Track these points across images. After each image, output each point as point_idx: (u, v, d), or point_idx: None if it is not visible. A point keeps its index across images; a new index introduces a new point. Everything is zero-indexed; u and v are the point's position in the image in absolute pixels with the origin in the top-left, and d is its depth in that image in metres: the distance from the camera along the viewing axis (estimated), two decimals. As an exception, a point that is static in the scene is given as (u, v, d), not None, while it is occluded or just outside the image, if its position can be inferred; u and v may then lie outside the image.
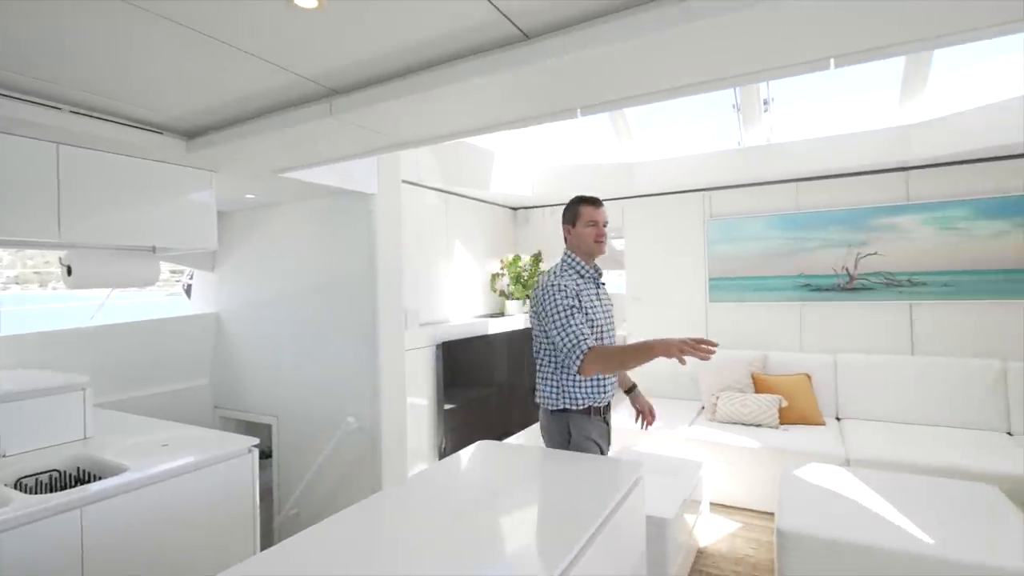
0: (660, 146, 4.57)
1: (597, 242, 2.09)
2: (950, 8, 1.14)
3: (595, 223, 2.10)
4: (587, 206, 2.13)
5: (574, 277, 2.06)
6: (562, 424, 2.05)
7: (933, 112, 3.49)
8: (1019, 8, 1.15)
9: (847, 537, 2.09)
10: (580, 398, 2.02)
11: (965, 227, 3.57)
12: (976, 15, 1.18)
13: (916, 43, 1.31)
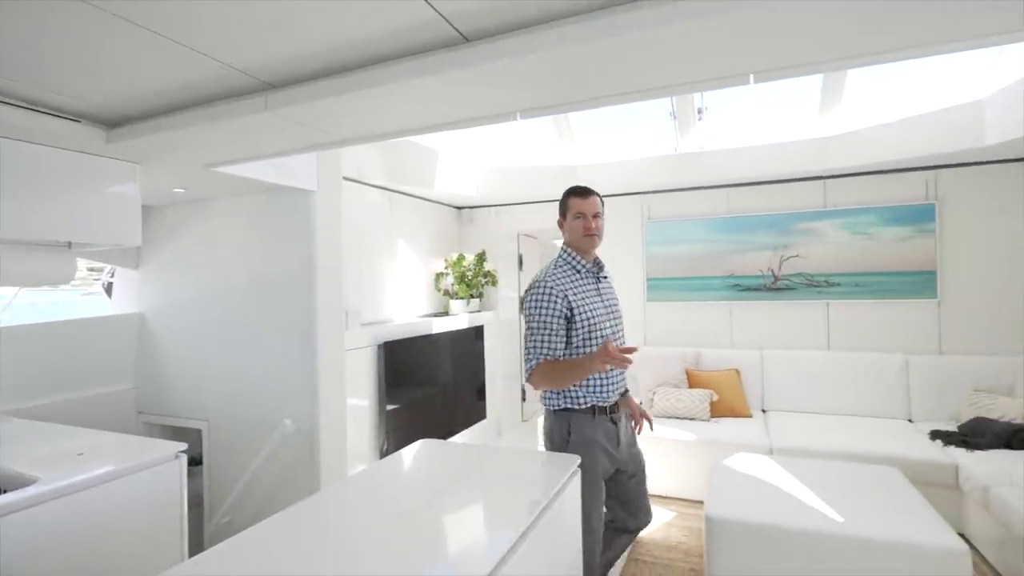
0: (602, 150, 4.70)
1: (586, 235, 1.97)
2: (858, 31, 1.26)
3: (583, 215, 1.98)
4: (575, 197, 2.02)
5: (568, 273, 1.97)
6: (563, 425, 1.95)
7: (848, 126, 3.78)
8: (916, 35, 1.28)
9: (768, 520, 2.23)
10: (582, 397, 1.93)
11: (874, 232, 3.89)
12: (879, 40, 1.30)
13: (829, 63, 1.43)
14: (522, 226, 5.18)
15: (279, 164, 2.52)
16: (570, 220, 2.01)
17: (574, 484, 1.66)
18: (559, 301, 1.89)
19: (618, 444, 1.99)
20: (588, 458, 1.88)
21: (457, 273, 4.58)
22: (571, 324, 1.92)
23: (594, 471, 1.91)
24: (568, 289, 1.92)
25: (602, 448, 1.94)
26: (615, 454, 1.99)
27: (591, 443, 1.91)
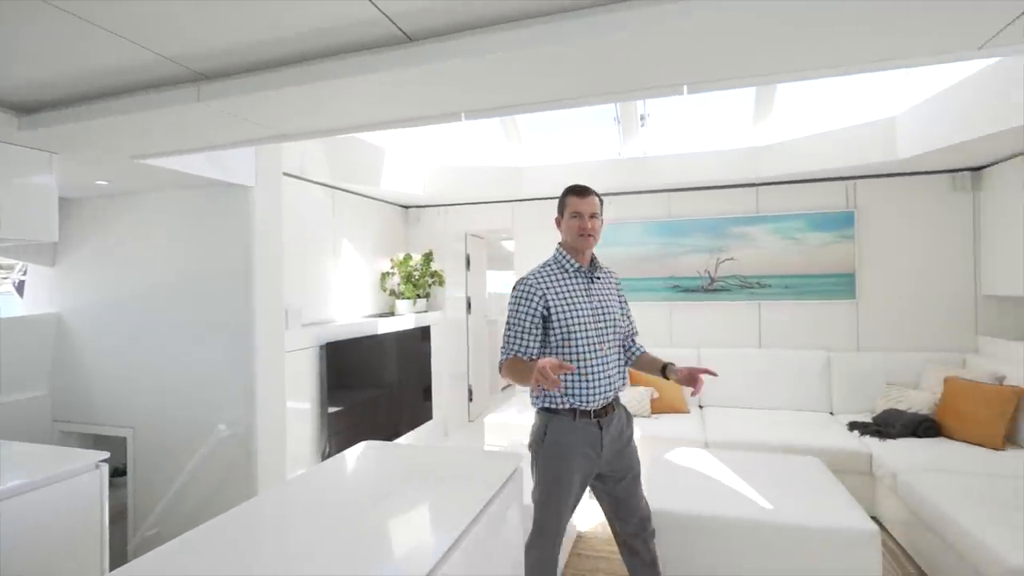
0: (548, 152, 4.77)
1: (581, 235, 1.94)
2: (785, 49, 1.34)
3: (579, 214, 1.94)
4: (573, 196, 1.98)
5: (555, 273, 1.96)
6: (542, 424, 1.93)
7: (778, 136, 4.01)
8: (836, 55, 1.38)
9: (704, 511, 2.34)
10: (559, 398, 1.89)
11: (800, 237, 4.14)
12: (804, 58, 1.39)
13: (757, 77, 1.52)
14: (470, 226, 5.18)
15: (215, 158, 2.42)
16: (567, 219, 1.98)
17: (515, 483, 1.68)
18: (536, 300, 1.89)
19: (601, 448, 1.92)
20: (557, 460, 1.89)
21: (403, 273, 4.53)
22: (548, 324, 1.91)
23: (560, 473, 1.89)
24: (549, 289, 1.91)
25: (580, 452, 1.89)
26: (595, 458, 1.92)
27: (563, 446, 1.89)
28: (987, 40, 1.28)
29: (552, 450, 1.89)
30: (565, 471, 1.89)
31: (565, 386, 1.89)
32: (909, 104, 3.45)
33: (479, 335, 5.70)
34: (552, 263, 2.00)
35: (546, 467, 1.91)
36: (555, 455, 1.88)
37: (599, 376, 1.90)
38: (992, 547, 2.03)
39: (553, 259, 2.02)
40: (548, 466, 1.91)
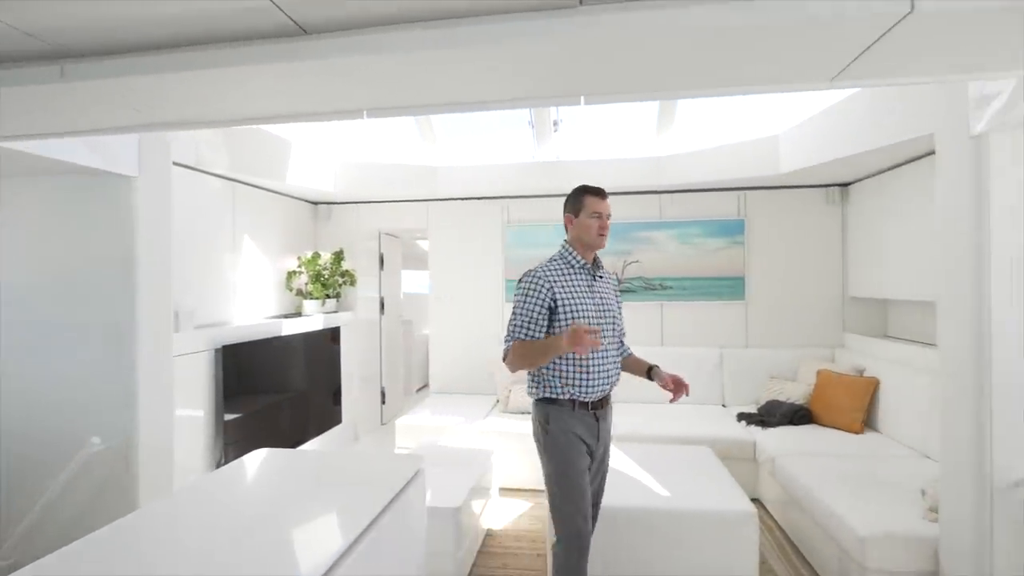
0: (464, 153, 4.78)
1: (600, 235, 2.02)
2: (669, 69, 1.44)
3: (599, 215, 2.02)
4: (592, 197, 2.05)
5: (561, 268, 2.01)
6: (542, 414, 1.97)
7: (679, 147, 4.27)
8: (711, 78, 1.50)
9: (605, 502, 2.45)
10: (559, 389, 1.94)
11: (698, 242, 4.45)
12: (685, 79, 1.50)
13: (651, 92, 1.62)
14: (384, 224, 5.08)
15: (94, 144, 2.20)
16: (584, 218, 2.03)
17: (417, 485, 1.67)
18: (544, 291, 1.93)
19: (597, 440, 2.00)
20: (567, 448, 1.92)
21: (312, 272, 4.35)
22: (555, 316, 1.95)
23: (573, 460, 1.92)
24: (556, 282, 1.95)
25: (583, 441, 1.94)
26: (593, 449, 1.99)
27: (568, 432, 1.92)
28: (837, 73, 1.45)
29: (559, 437, 1.92)
30: (575, 453, 1.93)
31: (565, 377, 1.93)
32: (791, 124, 3.81)
33: (393, 336, 5.60)
34: (559, 259, 2.05)
35: (555, 452, 1.94)
36: (562, 441, 1.92)
37: (599, 369, 1.96)
38: (846, 519, 2.30)
39: (559, 255, 2.06)
40: (557, 451, 1.93)
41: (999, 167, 1.93)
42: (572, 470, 1.91)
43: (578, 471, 1.92)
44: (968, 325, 1.99)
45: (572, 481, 1.91)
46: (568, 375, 1.93)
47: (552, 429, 1.93)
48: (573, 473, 1.91)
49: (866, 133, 3.11)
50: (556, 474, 1.93)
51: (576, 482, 1.91)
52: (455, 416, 3.97)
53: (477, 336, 4.73)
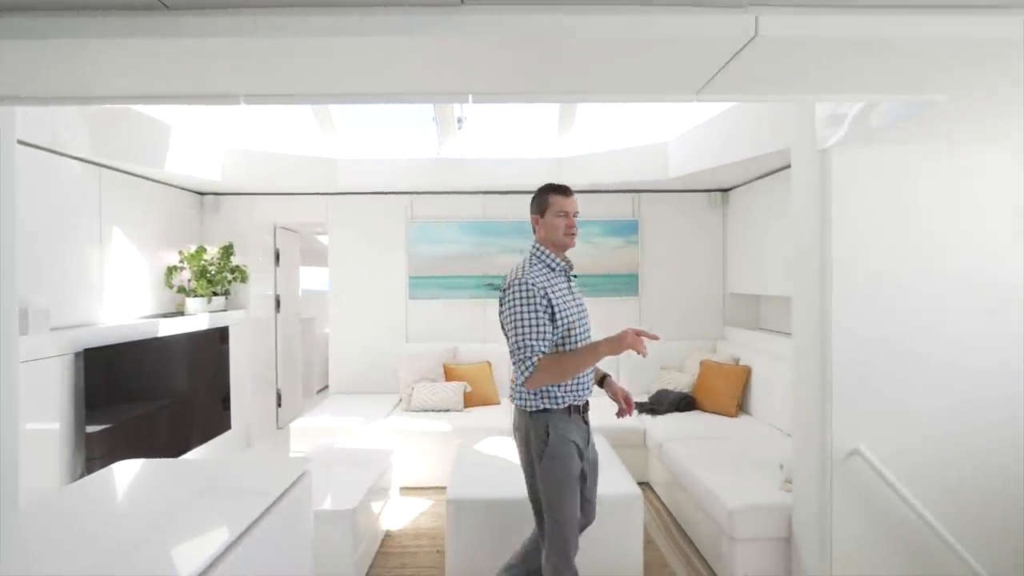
0: (367, 146, 4.65)
1: (568, 234, 1.95)
2: (553, 75, 1.50)
3: (565, 213, 1.94)
4: (557, 195, 1.96)
5: (544, 272, 1.91)
6: (540, 425, 1.88)
7: (579, 149, 4.44)
8: (589, 85, 1.58)
9: (500, 495, 2.50)
10: (560, 397, 1.87)
11: (597, 241, 4.66)
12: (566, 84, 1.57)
13: (532, 95, 1.67)
14: (280, 218, 4.82)
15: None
16: (550, 217, 1.95)
17: (302, 487, 1.62)
18: (541, 298, 1.82)
19: (587, 443, 1.98)
20: (567, 457, 1.87)
21: (196, 268, 4.03)
22: (551, 323, 1.86)
23: (571, 469, 1.88)
24: (547, 287, 1.87)
25: (577, 447, 1.90)
26: (587, 454, 1.97)
27: (568, 442, 1.87)
28: (701, 87, 1.59)
29: (559, 447, 1.86)
30: (570, 465, 1.88)
31: (566, 385, 1.88)
32: (678, 132, 4.09)
33: (290, 335, 5.33)
34: (537, 263, 1.95)
35: (556, 462, 1.86)
36: (563, 451, 1.86)
37: (587, 373, 1.94)
38: (718, 494, 2.53)
39: (537, 258, 1.96)
40: (558, 461, 1.86)
41: (840, 179, 2.20)
42: (572, 480, 1.88)
43: (576, 479, 1.90)
44: (814, 317, 2.26)
45: (571, 490, 1.88)
46: (569, 382, 1.89)
47: (553, 439, 1.87)
48: (573, 482, 1.89)
49: (739, 144, 3.42)
50: (557, 484, 1.87)
51: (574, 490, 1.89)
52: (355, 416, 3.86)
53: (380, 334, 4.64)
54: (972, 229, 2.23)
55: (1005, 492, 2.24)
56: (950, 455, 2.22)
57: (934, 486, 2.20)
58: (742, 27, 1.24)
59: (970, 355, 2.22)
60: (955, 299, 2.22)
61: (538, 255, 1.96)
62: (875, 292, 2.21)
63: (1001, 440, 2.24)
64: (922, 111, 1.76)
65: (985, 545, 2.19)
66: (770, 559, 2.45)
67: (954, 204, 2.22)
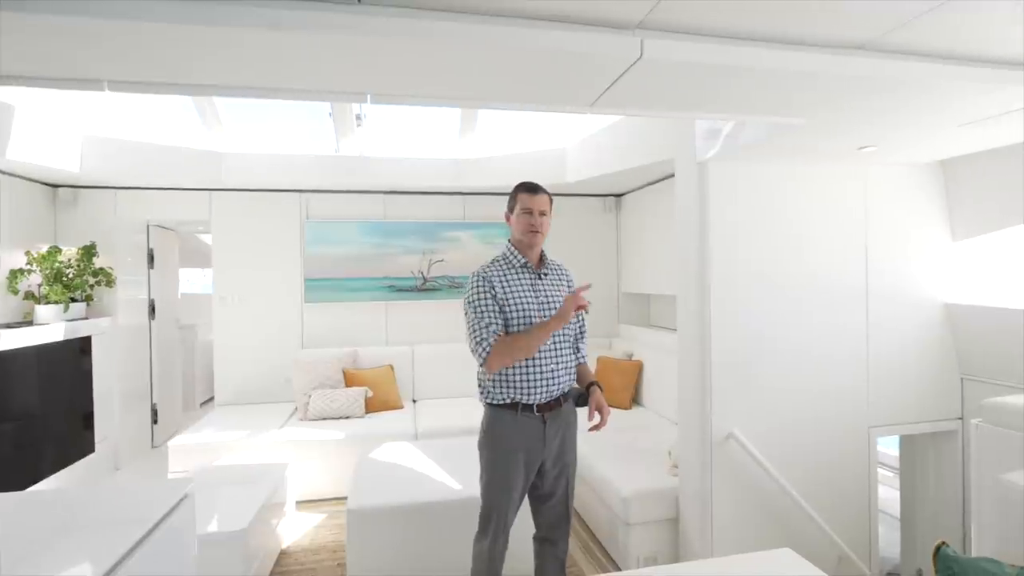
0: (257, 140, 4.36)
1: (529, 231, 1.95)
2: (452, 79, 1.50)
3: (529, 211, 1.95)
4: (523, 193, 1.98)
5: (502, 267, 1.96)
6: (486, 419, 1.94)
7: (480, 152, 4.48)
8: (487, 92, 1.61)
9: (402, 501, 2.47)
10: (502, 391, 1.89)
11: (499, 243, 4.72)
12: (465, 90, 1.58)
13: (432, 100, 1.67)
14: (154, 215, 4.36)
15: None
16: (516, 215, 1.98)
17: (183, 511, 1.48)
18: (488, 288, 1.90)
19: (544, 442, 1.92)
20: (500, 454, 1.90)
21: (48, 271, 3.54)
22: (505, 317, 1.90)
23: (503, 467, 1.89)
24: (498, 281, 1.92)
25: (522, 446, 1.88)
26: (539, 452, 1.92)
27: (505, 439, 1.89)
28: (594, 100, 1.68)
29: (495, 444, 1.91)
30: (506, 465, 1.89)
31: (509, 381, 1.88)
32: (577, 139, 4.26)
33: (168, 344, 4.85)
34: (500, 258, 2.01)
35: (489, 461, 1.93)
36: (498, 449, 1.90)
37: (543, 371, 1.90)
38: (613, 483, 2.68)
39: (502, 255, 2.03)
40: (491, 460, 1.92)
41: (716, 189, 2.43)
42: (498, 478, 1.90)
43: (504, 478, 1.89)
44: (695, 314, 2.47)
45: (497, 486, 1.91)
46: (511, 378, 1.88)
47: (491, 436, 1.92)
48: (498, 480, 1.90)
49: (631, 153, 3.64)
50: (485, 475, 1.95)
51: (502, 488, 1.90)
52: (245, 430, 3.60)
53: (273, 340, 4.36)
54: (824, 237, 2.56)
55: (851, 467, 2.60)
56: (807, 435, 2.53)
57: (795, 463, 2.49)
58: (629, 49, 1.33)
59: (824, 346, 2.55)
60: (812, 298, 2.53)
61: (504, 252, 2.03)
62: (747, 292, 2.46)
63: (846, 422, 2.59)
64: (784, 132, 1.99)
65: (835, 511, 2.53)
66: (661, 540, 2.64)
67: (810, 215, 2.54)
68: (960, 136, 2.11)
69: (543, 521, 2.05)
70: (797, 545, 2.53)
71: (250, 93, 1.50)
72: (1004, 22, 1.33)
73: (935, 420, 2.72)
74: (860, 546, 2.59)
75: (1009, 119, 1.87)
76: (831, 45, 1.45)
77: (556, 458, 1.98)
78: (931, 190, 2.70)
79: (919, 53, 1.48)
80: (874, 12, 1.29)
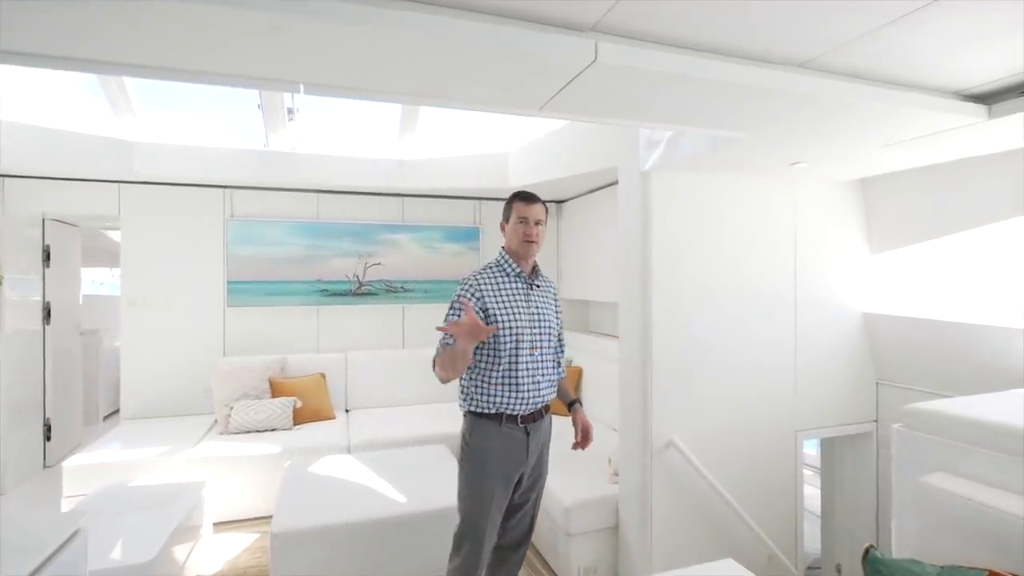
0: (174, 130, 4.02)
1: (524, 241, 1.95)
2: (393, 74, 1.40)
3: (525, 220, 1.96)
4: (519, 202, 1.99)
5: (495, 275, 1.95)
6: (466, 427, 1.91)
7: (421, 153, 4.35)
8: (440, 91, 1.52)
9: (333, 521, 2.31)
10: (486, 401, 1.86)
11: (438, 247, 4.62)
12: (414, 85, 1.49)
13: (375, 94, 1.56)
14: (51, 208, 3.91)
15: None
16: (512, 223, 1.98)
17: (73, 549, 1.29)
18: (470, 297, 1.88)
19: (527, 454, 1.91)
20: (480, 465, 1.87)
21: (-84, 267, 3.07)
22: (496, 326, 1.87)
23: (482, 478, 1.87)
24: (487, 289, 1.91)
25: (504, 457, 1.87)
26: (521, 463, 1.92)
27: (486, 451, 1.86)
28: (544, 103, 1.64)
29: (476, 455, 1.87)
30: (487, 476, 1.86)
31: (494, 391, 1.86)
32: (519, 143, 4.23)
33: (66, 351, 4.36)
34: (494, 266, 2.00)
35: (469, 472, 1.89)
36: (478, 460, 1.87)
37: (529, 382, 1.89)
38: (554, 492, 2.65)
39: (495, 262, 2.02)
40: (471, 471, 1.89)
41: (658, 199, 2.46)
42: (479, 491, 1.88)
43: (485, 491, 1.87)
44: (637, 322, 2.49)
45: (478, 500, 1.88)
46: (496, 387, 1.86)
47: (471, 446, 1.89)
48: (480, 493, 1.88)
49: (574, 160, 3.64)
50: (465, 488, 1.91)
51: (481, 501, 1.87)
52: (156, 447, 3.28)
53: (191, 347, 4.02)
54: (759, 248, 2.65)
55: (779, 469, 2.70)
56: (741, 440, 2.61)
57: (729, 467, 2.56)
58: (584, 51, 1.29)
59: (757, 354, 2.64)
60: (747, 307, 2.62)
61: (498, 259, 2.03)
62: (687, 300, 2.51)
63: (776, 427, 2.69)
64: (726, 145, 2.03)
65: (765, 511, 2.62)
66: (602, 549, 2.63)
67: (746, 227, 2.63)
68: (883, 157, 2.25)
69: (506, 533, 2.03)
70: (731, 547, 2.60)
71: (160, 75, 1.33)
72: (936, 51, 1.41)
73: (853, 423, 2.88)
74: (787, 543, 2.69)
75: (929, 142, 2.00)
76: (775, 61, 1.48)
77: (532, 470, 1.99)
78: (852, 206, 2.87)
79: (859, 76, 1.55)
80: (813, 33, 1.33)
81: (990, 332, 2.33)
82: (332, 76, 1.42)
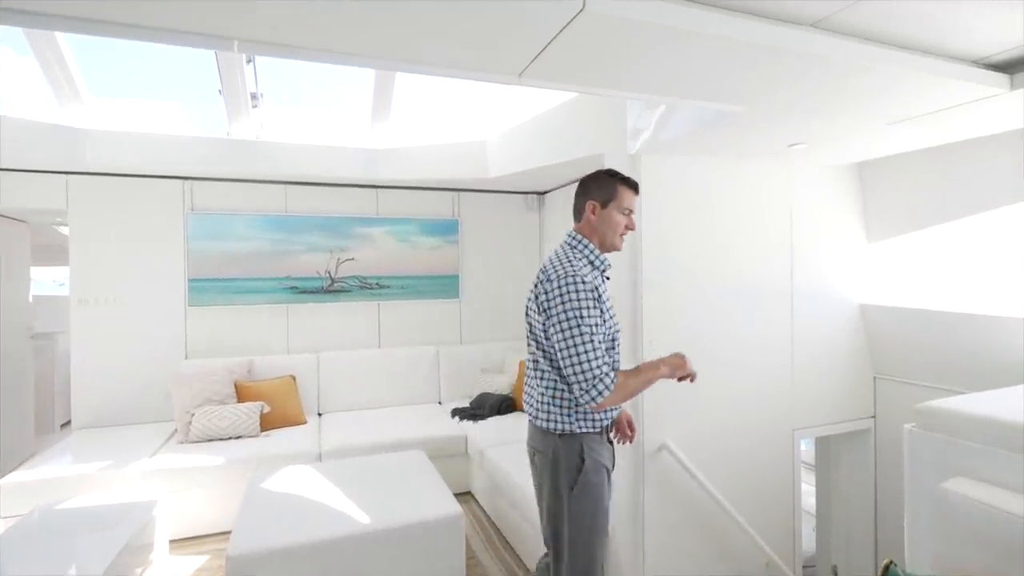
0: (127, 117, 3.74)
1: (623, 234, 1.73)
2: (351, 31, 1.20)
3: (630, 211, 1.72)
4: (628, 189, 1.70)
5: (589, 269, 1.66)
6: (573, 448, 1.64)
7: (395, 141, 4.13)
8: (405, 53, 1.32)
9: (296, 541, 2.09)
10: (599, 418, 1.66)
11: (415, 241, 4.40)
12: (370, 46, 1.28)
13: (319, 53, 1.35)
14: (-9, 201, 3.61)
15: None
16: (614, 211, 1.69)
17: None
18: (596, 300, 1.59)
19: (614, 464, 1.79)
20: (599, 483, 1.66)
21: None
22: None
23: (605, 501, 1.68)
24: (599, 291, 1.62)
25: (607, 472, 1.71)
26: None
27: (601, 467, 1.68)
28: (523, 69, 1.44)
29: (596, 476, 1.65)
30: (603, 491, 1.67)
31: None
32: (498, 132, 4.03)
33: (13, 355, 4.05)
34: (581, 257, 1.69)
35: (589, 490, 1.64)
36: (596, 479, 1.65)
37: None
38: (533, 497, 2.46)
39: (580, 253, 1.70)
40: (591, 488, 1.64)
41: (648, 185, 2.28)
42: (605, 514, 1.69)
43: (608, 513, 1.71)
44: (627, 318, 2.32)
45: (603, 525, 1.68)
46: None
47: (588, 466, 1.64)
48: (605, 516, 1.69)
49: (557, 147, 3.46)
50: (591, 517, 1.65)
51: (605, 525, 1.69)
52: (106, 459, 3.02)
53: (148, 349, 3.74)
54: (753, 236, 2.50)
55: (776, 469, 2.56)
56: (736, 440, 2.46)
57: (723, 468, 2.41)
58: (570, 1, 1.10)
59: (752, 350, 2.49)
60: (741, 299, 2.46)
61: (582, 249, 1.71)
62: (679, 296, 2.34)
63: (772, 426, 2.55)
64: (719, 123, 1.87)
65: (761, 513, 2.48)
66: (589, 559, 2.46)
67: (740, 213, 2.47)
68: (884, 137, 2.11)
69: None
70: (726, 553, 2.45)
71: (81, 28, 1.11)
72: (959, 11, 1.25)
73: (851, 420, 2.76)
74: (785, 548, 2.56)
75: (939, 119, 1.85)
76: (785, 19, 1.31)
77: None
78: (849, 192, 2.74)
79: (874, 38, 1.39)
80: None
81: (992, 322, 2.21)
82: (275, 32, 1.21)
